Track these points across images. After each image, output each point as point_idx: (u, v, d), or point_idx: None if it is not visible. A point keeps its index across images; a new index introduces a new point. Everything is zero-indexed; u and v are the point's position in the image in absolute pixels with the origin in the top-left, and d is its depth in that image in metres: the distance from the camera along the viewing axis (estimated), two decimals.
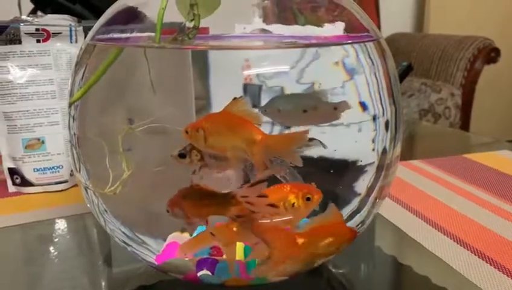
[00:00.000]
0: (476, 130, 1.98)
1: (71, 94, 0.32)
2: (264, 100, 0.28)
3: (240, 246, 0.31)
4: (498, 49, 1.97)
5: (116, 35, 0.33)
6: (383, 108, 0.30)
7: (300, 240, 0.27)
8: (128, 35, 0.33)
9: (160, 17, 0.30)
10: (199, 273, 0.30)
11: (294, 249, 0.27)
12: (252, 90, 0.28)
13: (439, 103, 1.91)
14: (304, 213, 0.27)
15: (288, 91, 0.29)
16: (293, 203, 0.26)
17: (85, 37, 0.54)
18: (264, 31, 0.33)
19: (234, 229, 0.27)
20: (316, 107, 0.28)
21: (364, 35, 0.32)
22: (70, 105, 0.32)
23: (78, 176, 0.33)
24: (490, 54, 1.96)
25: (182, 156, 0.28)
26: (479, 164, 0.62)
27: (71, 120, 0.31)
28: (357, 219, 0.32)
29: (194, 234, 0.30)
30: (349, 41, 0.32)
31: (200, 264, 0.30)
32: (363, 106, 0.30)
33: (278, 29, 0.33)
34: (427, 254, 0.39)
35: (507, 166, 0.61)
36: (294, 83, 0.28)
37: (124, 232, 0.32)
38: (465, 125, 1.98)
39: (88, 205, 0.34)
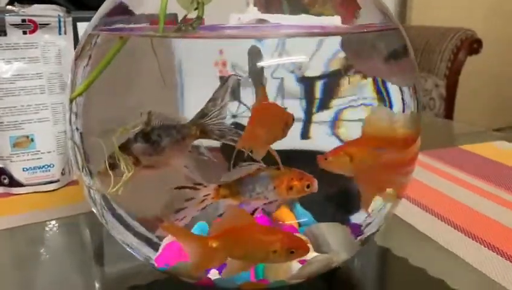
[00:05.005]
0: (459, 120, 2.00)
1: (72, 89, 0.29)
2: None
3: None
4: (480, 40, 1.98)
5: (116, 26, 0.31)
6: (403, 102, 0.29)
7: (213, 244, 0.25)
8: (131, 26, 0.31)
9: (163, 6, 0.28)
10: (213, 278, 0.29)
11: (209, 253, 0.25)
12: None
13: (424, 94, 1.92)
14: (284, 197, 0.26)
15: (289, 83, 0.27)
16: (291, 187, 0.25)
17: (74, 28, 0.52)
18: (261, 20, 0.32)
19: None
20: None
21: (382, 24, 0.31)
22: (71, 101, 0.29)
23: (80, 175, 0.31)
24: (473, 45, 1.97)
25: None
26: (477, 156, 0.62)
27: (73, 116, 0.29)
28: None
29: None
30: (366, 30, 0.30)
31: None
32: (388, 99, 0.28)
33: (277, 18, 0.31)
34: (433, 246, 0.38)
35: (505, 157, 0.61)
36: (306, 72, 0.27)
37: (126, 233, 0.31)
38: (448, 115, 2.00)
39: (90, 204, 0.32)
